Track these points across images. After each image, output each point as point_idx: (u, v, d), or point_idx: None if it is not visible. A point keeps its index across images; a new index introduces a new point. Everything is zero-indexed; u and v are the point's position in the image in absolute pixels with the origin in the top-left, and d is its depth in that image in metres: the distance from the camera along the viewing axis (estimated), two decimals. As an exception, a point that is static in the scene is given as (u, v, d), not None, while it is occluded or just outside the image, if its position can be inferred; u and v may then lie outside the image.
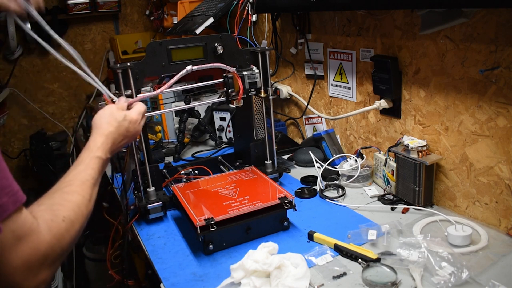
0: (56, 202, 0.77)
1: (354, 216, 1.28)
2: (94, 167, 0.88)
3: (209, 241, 1.12)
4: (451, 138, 1.22)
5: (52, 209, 0.74)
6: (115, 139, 0.97)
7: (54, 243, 0.70)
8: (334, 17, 1.59)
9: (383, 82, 1.37)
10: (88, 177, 0.85)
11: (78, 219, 0.77)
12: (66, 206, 0.76)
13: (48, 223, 0.70)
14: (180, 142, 1.88)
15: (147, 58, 1.26)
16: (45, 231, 0.69)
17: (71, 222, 0.75)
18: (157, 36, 3.06)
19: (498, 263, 0.99)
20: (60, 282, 2.07)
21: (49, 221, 0.71)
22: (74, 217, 0.76)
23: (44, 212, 0.72)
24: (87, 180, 0.85)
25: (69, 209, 0.76)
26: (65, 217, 0.74)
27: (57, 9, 2.81)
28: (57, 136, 2.83)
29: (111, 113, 1.01)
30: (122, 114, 1.02)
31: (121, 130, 1.00)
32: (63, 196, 0.79)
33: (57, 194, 0.79)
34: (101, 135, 0.95)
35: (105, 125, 0.98)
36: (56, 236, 0.70)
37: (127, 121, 1.01)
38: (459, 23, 1.11)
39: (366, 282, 0.96)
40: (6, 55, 2.77)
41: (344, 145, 1.70)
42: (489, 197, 1.15)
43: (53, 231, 0.70)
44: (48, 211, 0.73)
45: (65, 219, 0.74)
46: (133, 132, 1.04)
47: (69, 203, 0.77)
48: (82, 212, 0.79)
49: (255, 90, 1.41)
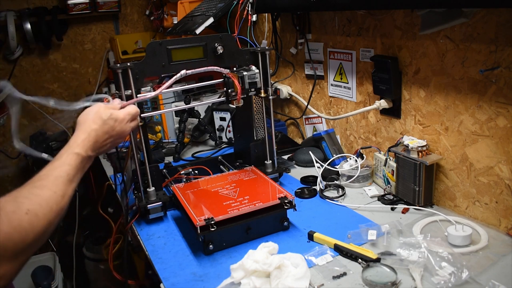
0: (23, 195, 0.75)
1: (354, 216, 1.28)
2: (71, 164, 0.87)
3: (209, 241, 1.12)
4: (451, 138, 1.22)
5: (16, 201, 0.72)
6: (98, 137, 0.96)
7: (14, 235, 0.68)
8: (334, 17, 1.58)
9: (383, 82, 1.37)
10: (62, 174, 0.83)
11: (46, 214, 0.75)
12: (32, 199, 0.75)
13: (8, 215, 0.69)
14: (180, 142, 1.88)
15: (147, 58, 1.26)
16: (4, 222, 0.67)
17: (36, 216, 0.73)
18: (157, 36, 3.06)
19: (498, 263, 0.99)
20: (60, 282, 2.07)
21: (10, 213, 0.69)
22: (40, 211, 0.74)
23: (7, 203, 0.71)
24: (60, 176, 0.83)
25: (35, 203, 0.74)
26: (29, 210, 0.72)
27: (57, 9, 2.81)
28: (57, 136, 2.83)
29: (97, 111, 1.00)
30: (108, 112, 1.01)
31: (105, 128, 0.98)
32: (32, 190, 0.77)
33: (26, 188, 0.77)
34: (84, 131, 0.94)
35: (89, 122, 0.97)
36: (16, 229, 0.69)
37: (112, 120, 1.00)
38: (459, 23, 1.11)
39: (366, 282, 0.96)
40: (6, 55, 2.77)
41: (344, 145, 1.70)
42: (489, 197, 1.15)
43: (13, 223, 0.69)
44: (12, 203, 0.71)
45: (29, 212, 0.72)
46: (119, 131, 1.02)
47: (36, 197, 0.76)
48: (51, 208, 0.77)
49: (255, 90, 1.41)
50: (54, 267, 2.13)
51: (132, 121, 1.09)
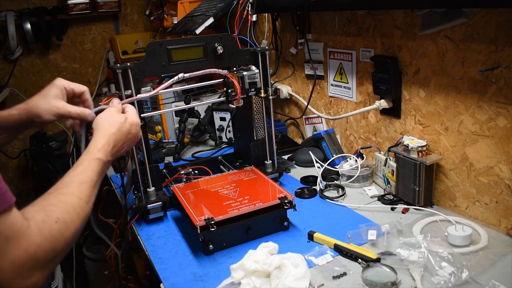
0: (51, 203, 0.75)
1: (354, 216, 1.28)
2: (94, 169, 0.87)
3: (209, 241, 1.12)
4: (451, 138, 1.22)
5: (45, 209, 0.72)
6: (117, 141, 0.96)
7: (45, 244, 0.68)
8: (334, 17, 1.58)
9: (383, 82, 1.37)
10: (86, 179, 0.84)
11: (74, 221, 0.75)
12: (60, 207, 0.75)
13: (39, 224, 0.69)
14: (180, 142, 1.88)
15: (147, 58, 1.26)
16: (35, 232, 0.67)
17: (65, 223, 0.73)
18: (157, 36, 3.06)
19: (498, 263, 0.99)
20: (60, 282, 2.07)
21: (40, 222, 0.69)
22: (68, 219, 0.74)
23: (36, 213, 0.70)
24: (85, 181, 0.83)
25: (63, 211, 0.74)
26: (58, 218, 0.72)
27: (57, 9, 2.81)
28: (57, 136, 2.83)
29: (111, 115, 1.00)
30: (123, 116, 1.01)
31: (123, 132, 0.98)
32: (58, 197, 0.77)
33: (52, 195, 0.77)
34: (103, 136, 0.94)
35: (107, 126, 0.97)
36: (47, 238, 0.69)
37: (128, 123, 1.00)
38: (459, 23, 1.11)
39: (366, 282, 0.96)
40: (6, 55, 2.77)
41: (344, 145, 1.70)
42: (489, 197, 1.15)
43: (44, 232, 0.69)
44: (41, 212, 0.71)
45: (59, 221, 0.72)
46: (135, 134, 1.03)
47: (64, 204, 0.76)
48: (78, 214, 0.77)
49: (255, 90, 1.42)
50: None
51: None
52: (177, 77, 1.17)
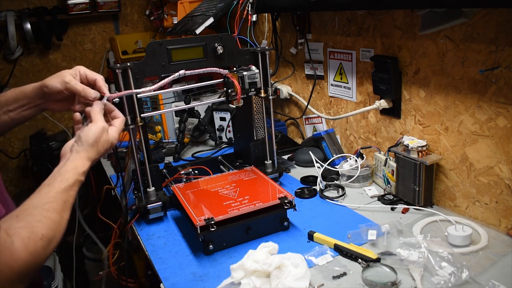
0: (36, 219, 0.75)
1: (354, 216, 1.28)
2: (76, 189, 0.87)
3: (209, 241, 1.12)
4: (451, 138, 1.22)
5: (31, 226, 0.73)
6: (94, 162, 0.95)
7: (30, 260, 0.69)
8: (334, 17, 1.59)
9: (383, 82, 1.37)
10: (69, 199, 0.84)
11: (56, 237, 0.77)
12: (45, 224, 0.76)
13: (24, 241, 0.69)
14: (180, 142, 1.88)
15: (147, 58, 1.26)
16: (20, 248, 0.68)
17: (48, 240, 0.74)
18: (157, 36, 3.06)
19: (498, 263, 0.99)
20: (60, 282, 2.07)
21: (25, 239, 0.70)
22: (52, 236, 0.76)
23: (22, 230, 0.71)
24: (67, 201, 0.84)
25: (47, 227, 0.75)
26: (43, 235, 0.73)
27: (57, 9, 2.81)
28: (57, 136, 2.83)
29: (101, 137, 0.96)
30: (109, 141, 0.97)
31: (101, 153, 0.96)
32: (43, 213, 0.77)
33: (37, 210, 0.77)
34: (89, 159, 0.92)
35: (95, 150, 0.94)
36: (33, 254, 0.70)
37: (109, 144, 0.98)
38: (459, 23, 1.11)
39: (366, 282, 0.96)
40: (6, 55, 2.77)
41: (344, 145, 1.70)
42: (489, 197, 1.15)
43: (29, 249, 0.70)
44: (26, 228, 0.72)
45: (43, 237, 0.73)
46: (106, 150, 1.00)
47: (49, 220, 0.77)
48: (60, 232, 0.79)
49: (255, 90, 1.41)
50: (54, 267, 2.13)
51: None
52: (178, 73, 1.17)
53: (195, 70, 1.24)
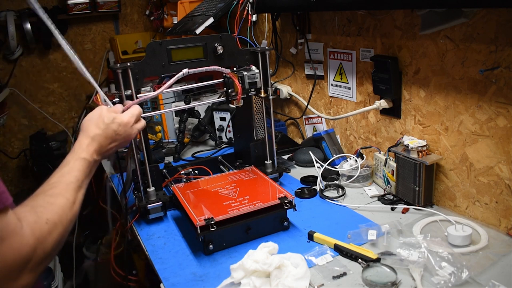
0: (39, 204, 0.75)
1: (354, 216, 1.28)
2: (80, 169, 0.87)
3: (209, 241, 1.12)
4: (451, 138, 1.22)
5: (35, 211, 0.73)
6: (101, 141, 0.95)
7: (37, 245, 0.69)
8: (334, 17, 1.59)
9: (383, 82, 1.37)
10: (72, 179, 0.84)
11: (62, 222, 0.76)
12: (49, 208, 0.75)
13: (31, 225, 0.69)
14: (180, 142, 1.88)
15: (147, 58, 1.26)
16: (28, 233, 0.68)
17: (54, 224, 0.74)
18: (157, 36, 3.06)
19: (498, 263, 0.99)
20: (60, 282, 2.07)
21: (32, 223, 0.70)
22: (57, 220, 0.75)
23: (28, 214, 0.71)
24: (71, 182, 0.83)
25: (52, 212, 0.75)
26: (48, 219, 0.73)
27: (57, 9, 2.81)
28: (57, 136, 2.84)
29: (99, 115, 0.99)
30: (111, 116, 1.00)
31: (109, 133, 0.97)
32: (46, 199, 0.77)
33: (40, 197, 0.78)
34: (87, 137, 0.94)
35: (92, 127, 0.96)
36: (39, 239, 0.69)
37: (116, 124, 0.99)
38: (459, 23, 1.11)
39: (366, 282, 0.96)
40: (6, 55, 2.77)
41: (344, 145, 1.70)
42: (489, 197, 1.15)
43: (35, 233, 0.69)
44: (32, 213, 0.72)
45: (48, 222, 0.72)
46: (124, 136, 1.01)
47: (53, 205, 0.76)
48: (67, 215, 0.78)
49: (255, 90, 1.42)
50: (54, 267, 2.13)
51: (137, 123, 1.07)
52: (182, 72, 1.17)
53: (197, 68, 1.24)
